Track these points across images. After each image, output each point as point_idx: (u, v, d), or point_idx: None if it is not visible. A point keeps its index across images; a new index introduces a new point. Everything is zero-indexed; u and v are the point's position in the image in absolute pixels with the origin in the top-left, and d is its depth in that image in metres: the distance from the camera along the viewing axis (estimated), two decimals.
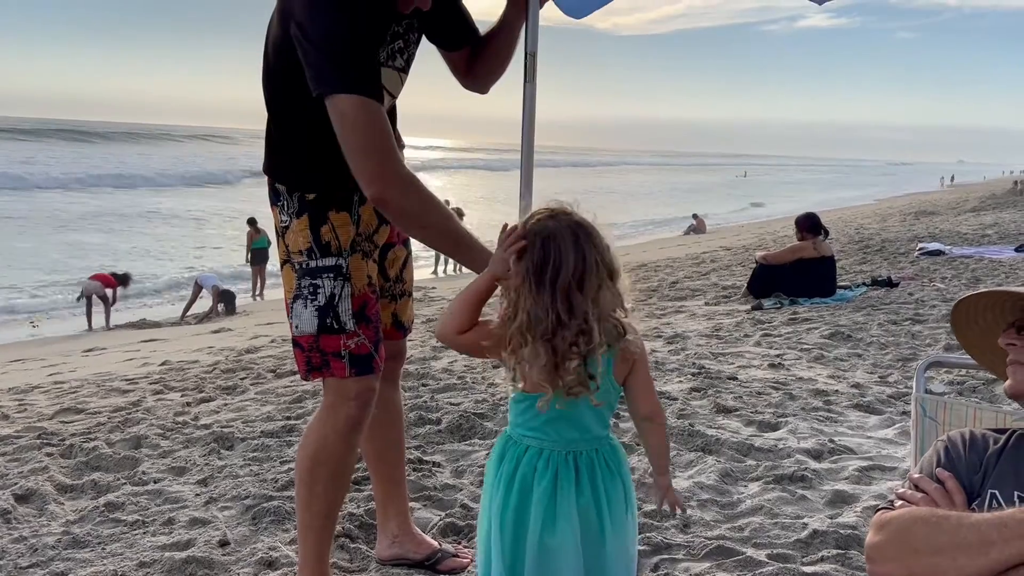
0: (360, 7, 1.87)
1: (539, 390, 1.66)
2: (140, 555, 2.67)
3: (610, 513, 1.70)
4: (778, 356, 5.37)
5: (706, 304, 8.14)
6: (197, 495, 3.23)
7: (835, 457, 3.44)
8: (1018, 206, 21.39)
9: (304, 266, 2.09)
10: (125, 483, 3.39)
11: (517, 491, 1.70)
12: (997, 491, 1.51)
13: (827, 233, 8.37)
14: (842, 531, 2.67)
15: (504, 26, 2.19)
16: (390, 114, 2.17)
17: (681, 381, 4.73)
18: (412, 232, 2.08)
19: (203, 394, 5.11)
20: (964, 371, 4.77)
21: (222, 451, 3.79)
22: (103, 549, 2.76)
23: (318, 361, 2.11)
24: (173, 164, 47.33)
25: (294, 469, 2.33)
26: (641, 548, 2.57)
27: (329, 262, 2.08)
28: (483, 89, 2.32)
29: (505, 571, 1.69)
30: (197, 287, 13.34)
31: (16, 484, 3.34)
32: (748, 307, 7.59)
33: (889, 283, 8.37)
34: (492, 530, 1.72)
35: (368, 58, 1.90)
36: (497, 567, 1.70)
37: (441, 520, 2.89)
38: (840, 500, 2.99)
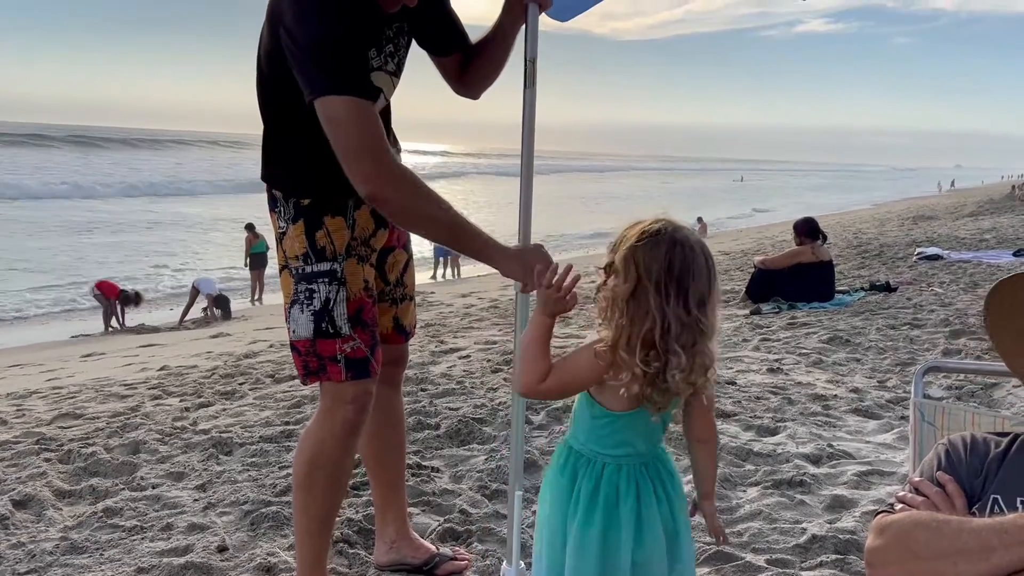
0: (347, 11, 1.88)
1: (636, 405, 1.63)
2: (138, 561, 2.67)
3: (681, 517, 1.73)
4: (777, 361, 5.37)
5: None
6: (195, 500, 3.22)
7: (834, 462, 3.44)
8: (1016, 211, 21.43)
9: (301, 271, 2.10)
10: (123, 489, 3.39)
11: (602, 509, 1.67)
12: (999, 496, 1.51)
13: (825, 238, 8.38)
14: (841, 536, 2.67)
15: (498, 34, 2.19)
16: (384, 116, 2.18)
17: None
18: (411, 227, 2.08)
19: (202, 399, 5.10)
20: (962, 375, 4.78)
21: (221, 456, 3.78)
22: (101, 555, 2.76)
23: (315, 365, 2.12)
24: (179, 170, 47.35)
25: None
26: None
27: (324, 267, 2.09)
28: (474, 95, 2.33)
29: None
30: (194, 291, 13.35)
31: (14, 490, 3.33)
32: (747, 312, 7.60)
33: (887, 288, 8.38)
34: (572, 549, 1.67)
35: (357, 59, 1.90)
36: None
37: (440, 525, 2.89)
38: (839, 505, 2.99)
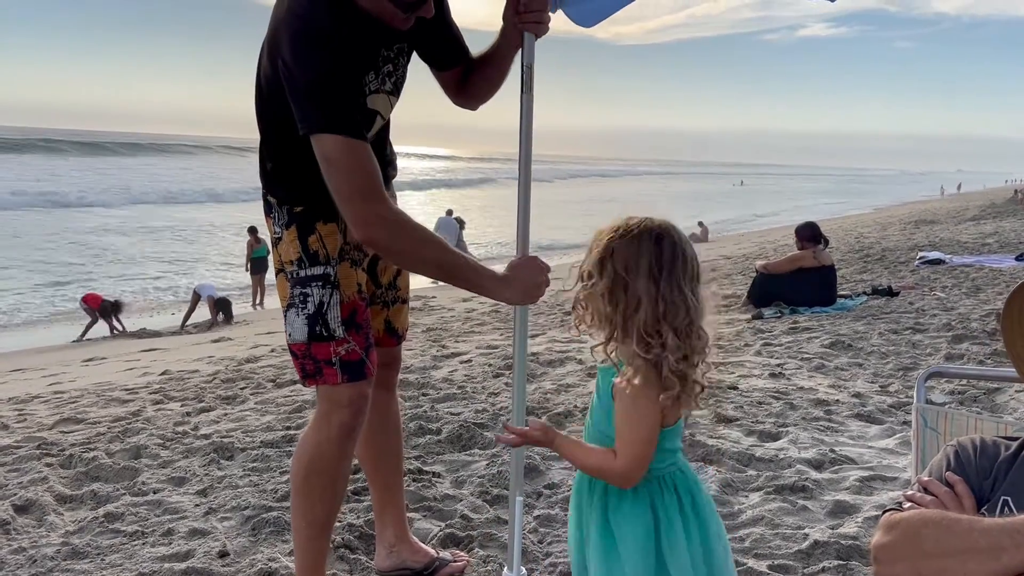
0: (344, 46, 1.90)
1: (683, 410, 1.65)
2: (139, 566, 2.66)
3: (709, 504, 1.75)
4: (779, 366, 5.36)
5: None
6: (197, 505, 3.22)
7: (836, 467, 3.43)
8: (1018, 215, 21.40)
9: (295, 275, 2.14)
10: (125, 494, 3.39)
11: (695, 523, 1.67)
12: (1010, 498, 1.50)
13: (827, 242, 8.38)
14: (843, 542, 2.66)
15: (496, 55, 2.22)
16: (382, 133, 2.22)
17: None
18: (403, 267, 2.14)
19: (203, 404, 5.10)
20: (965, 380, 4.77)
21: (222, 461, 3.78)
22: (102, 560, 2.75)
23: (311, 369, 2.15)
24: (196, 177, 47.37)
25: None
26: None
27: (317, 271, 2.12)
28: (473, 107, 2.36)
29: None
30: (195, 296, 13.36)
31: (15, 495, 3.33)
32: (748, 316, 7.59)
33: (889, 292, 8.37)
34: (682, 568, 1.63)
35: (352, 98, 1.94)
36: None
37: (441, 531, 2.88)
38: (841, 510, 2.98)
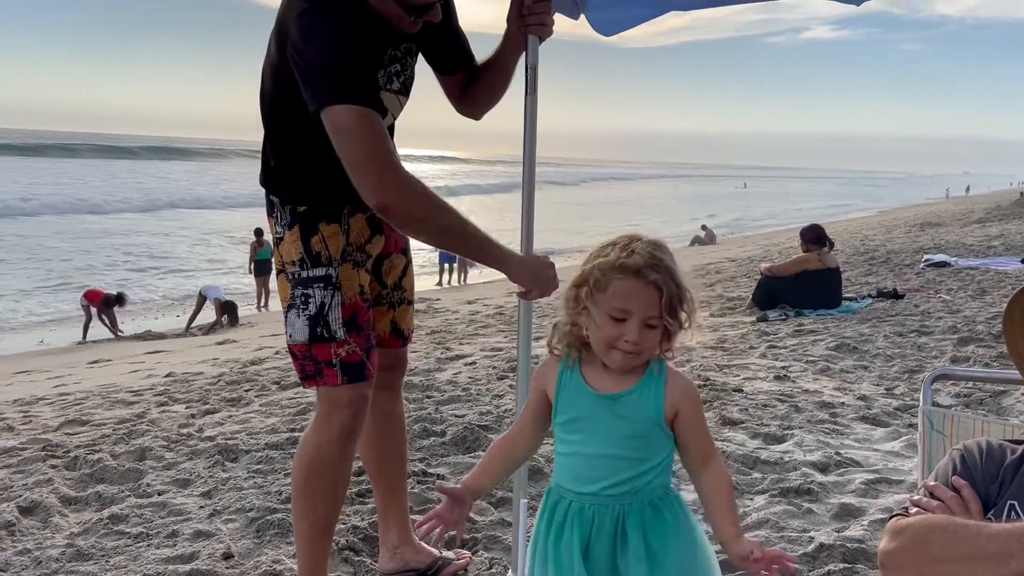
0: (353, 25, 1.90)
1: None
2: (144, 568, 2.66)
3: None
4: (784, 368, 5.35)
5: (711, 316, 8.12)
6: (201, 507, 3.22)
7: (841, 470, 3.42)
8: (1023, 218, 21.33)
9: (297, 276, 2.14)
10: (129, 495, 3.39)
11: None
12: (1016, 502, 1.49)
13: (832, 245, 8.36)
14: (849, 545, 2.65)
15: (499, 60, 2.22)
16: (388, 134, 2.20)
17: None
18: (420, 236, 2.10)
19: (208, 406, 5.11)
20: (971, 383, 4.75)
21: (226, 463, 3.78)
22: (107, 562, 2.76)
23: (312, 369, 2.15)
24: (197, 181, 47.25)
25: None
26: None
27: (319, 272, 2.11)
28: (476, 116, 2.35)
29: None
30: (201, 298, 13.39)
31: (21, 496, 3.34)
32: (753, 319, 7.58)
33: (895, 295, 8.34)
34: None
35: (363, 71, 1.92)
36: None
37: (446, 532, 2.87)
38: (847, 513, 2.97)
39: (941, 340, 6.01)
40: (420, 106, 2.35)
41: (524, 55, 2.14)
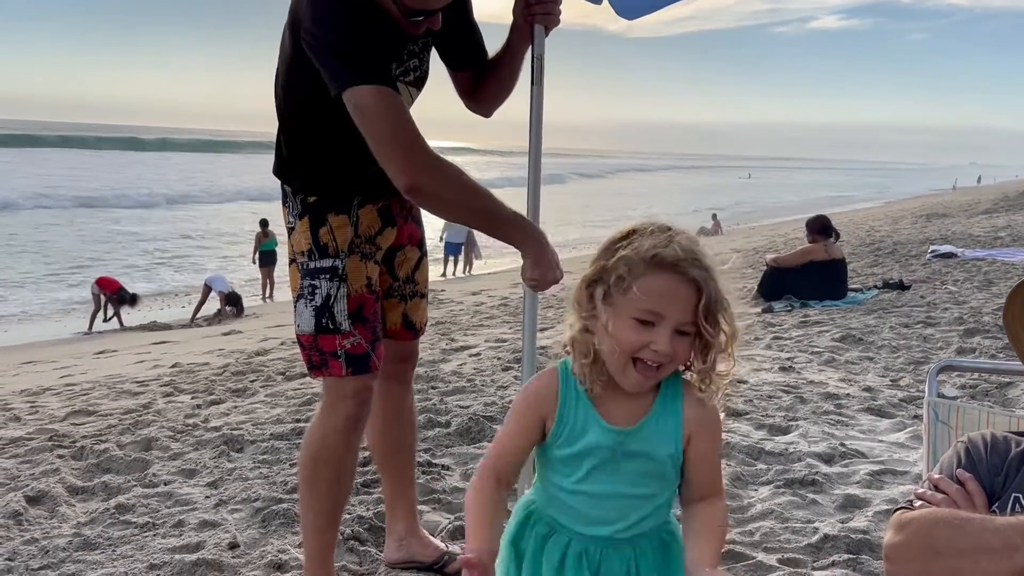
0: (365, 11, 1.91)
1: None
2: (150, 557, 2.68)
3: None
4: (789, 359, 5.34)
5: None
6: (207, 497, 3.23)
7: (846, 461, 3.41)
8: None
9: (305, 266, 2.15)
10: (136, 485, 3.41)
11: None
12: (1021, 495, 1.49)
13: (838, 235, 8.34)
14: (853, 536, 2.65)
15: (507, 53, 2.21)
16: None
17: None
18: (445, 215, 2.09)
19: (213, 396, 5.12)
20: (976, 375, 4.74)
21: (232, 453, 3.80)
22: (113, 551, 2.77)
23: (317, 360, 2.16)
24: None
25: None
26: None
27: (326, 263, 2.12)
28: (486, 112, 2.34)
29: None
30: (207, 289, 13.42)
31: (28, 486, 3.36)
32: (758, 310, 7.57)
33: (901, 286, 8.32)
34: None
35: (379, 53, 1.92)
36: None
37: (450, 523, 2.89)
38: (851, 504, 2.97)
39: (947, 331, 6.00)
40: (432, 96, 2.34)
41: (531, 46, 2.13)
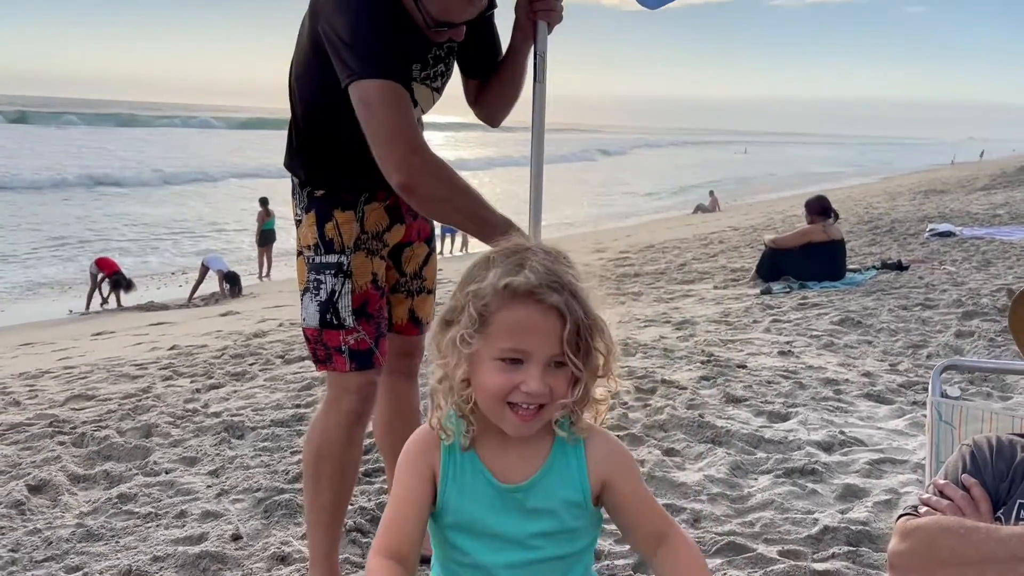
0: (388, 8, 1.91)
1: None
2: (154, 549, 2.69)
3: None
4: (788, 343, 5.35)
5: (715, 288, 8.11)
6: (209, 487, 3.24)
7: (845, 449, 3.43)
8: None
9: (311, 260, 2.15)
10: (137, 473, 3.41)
11: None
12: None
13: (837, 216, 8.32)
14: (853, 527, 2.67)
15: (511, 51, 2.19)
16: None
17: (691, 369, 4.73)
18: (438, 217, 2.09)
19: (212, 380, 5.13)
20: (976, 355, 4.76)
21: (232, 440, 3.81)
22: (117, 542, 2.78)
23: (322, 355, 2.17)
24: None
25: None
26: None
27: (332, 259, 2.13)
28: (493, 121, 2.33)
29: None
30: (204, 268, 13.37)
31: (29, 474, 3.36)
32: (757, 291, 7.57)
33: (899, 266, 8.32)
34: None
35: (394, 49, 1.91)
36: None
37: None
38: (851, 494, 2.98)
39: (946, 314, 6.01)
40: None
41: (534, 43, 2.10)
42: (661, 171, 49.87)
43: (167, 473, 3.42)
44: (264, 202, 16.09)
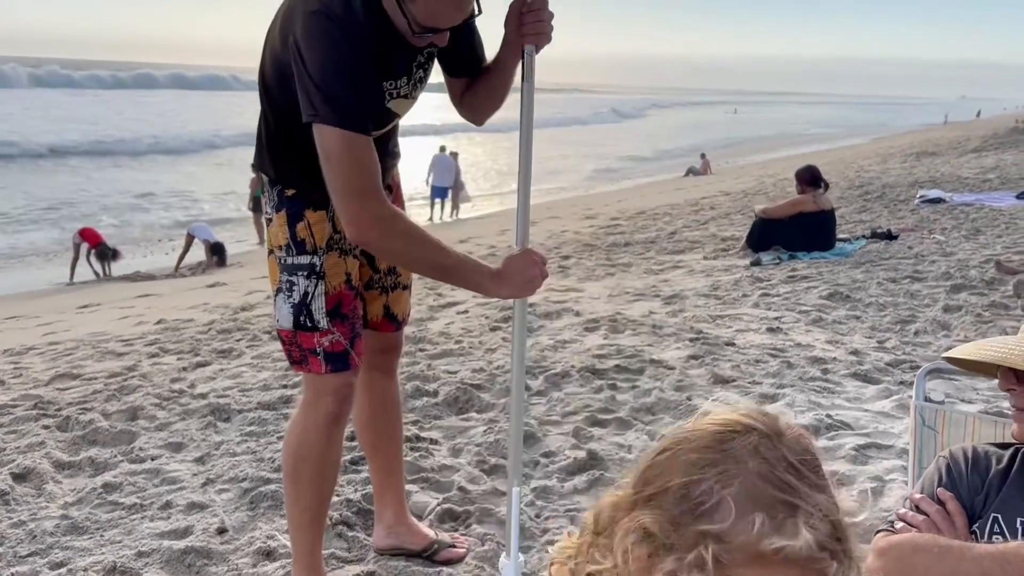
0: (363, 41, 1.83)
1: None
2: (139, 544, 2.68)
3: None
4: (776, 319, 5.35)
5: (704, 258, 8.09)
6: (195, 475, 3.23)
7: (832, 433, 3.44)
8: (1020, 146, 21.14)
9: (283, 261, 2.12)
10: (123, 460, 3.40)
11: None
12: (1000, 515, 1.50)
13: (827, 186, 8.28)
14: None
15: (498, 65, 2.14)
16: (392, 130, 2.17)
17: (679, 348, 4.72)
18: (400, 266, 2.12)
19: (199, 358, 5.10)
20: (962, 334, 4.77)
21: (219, 424, 3.79)
22: (101, 536, 2.77)
23: (298, 356, 2.15)
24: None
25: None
26: None
27: (304, 260, 2.09)
28: (477, 121, 2.28)
29: None
30: (189, 237, 13.24)
31: (14, 461, 3.34)
32: (747, 262, 7.56)
33: (889, 236, 8.31)
34: None
35: (363, 92, 1.86)
36: None
37: (439, 504, 2.89)
38: (837, 482, 2.99)
39: (934, 287, 6.01)
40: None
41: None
42: (650, 132, 49.50)
43: (152, 460, 3.40)
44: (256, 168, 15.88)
